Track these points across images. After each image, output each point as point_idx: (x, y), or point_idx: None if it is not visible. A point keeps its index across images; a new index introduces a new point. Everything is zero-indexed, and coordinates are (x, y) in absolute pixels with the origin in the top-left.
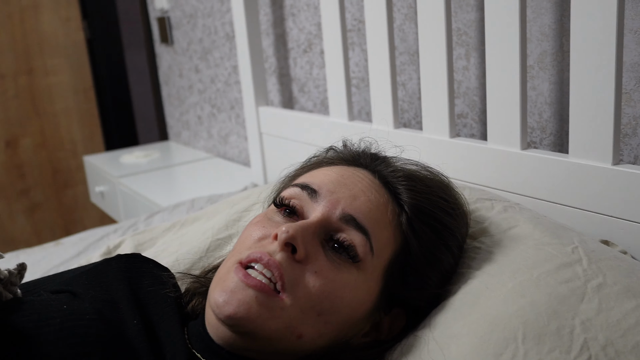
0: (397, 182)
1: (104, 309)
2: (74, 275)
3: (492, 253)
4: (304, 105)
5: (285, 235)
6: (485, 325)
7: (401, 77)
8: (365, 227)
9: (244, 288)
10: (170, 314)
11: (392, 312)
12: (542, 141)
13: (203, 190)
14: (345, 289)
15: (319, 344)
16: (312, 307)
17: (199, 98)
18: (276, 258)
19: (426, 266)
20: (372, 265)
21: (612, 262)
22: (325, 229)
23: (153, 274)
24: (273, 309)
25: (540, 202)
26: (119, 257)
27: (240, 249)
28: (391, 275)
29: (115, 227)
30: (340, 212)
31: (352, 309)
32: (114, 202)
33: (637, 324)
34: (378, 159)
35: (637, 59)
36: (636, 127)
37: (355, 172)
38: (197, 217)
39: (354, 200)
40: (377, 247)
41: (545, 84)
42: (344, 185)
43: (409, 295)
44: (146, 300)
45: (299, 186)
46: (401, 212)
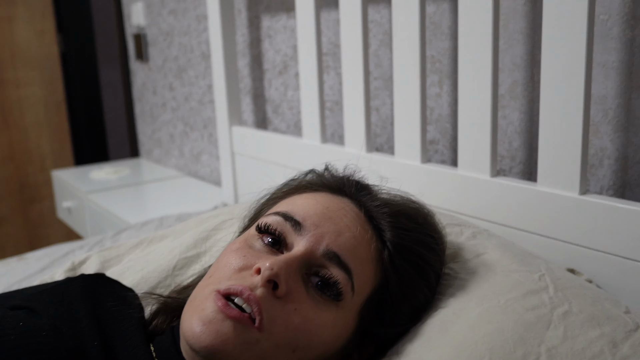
0: (381, 218)
1: (63, 327)
2: (35, 292)
3: (460, 279)
4: (277, 126)
5: (269, 272)
6: (452, 351)
7: (375, 101)
8: (348, 265)
9: (222, 319)
10: (133, 333)
11: (366, 345)
12: (512, 169)
13: (172, 208)
14: (323, 327)
15: None
16: (287, 344)
17: (172, 116)
18: (257, 293)
19: (402, 303)
20: (351, 304)
21: (578, 291)
22: (308, 263)
23: (117, 295)
24: (249, 341)
25: (509, 229)
26: (83, 276)
27: (219, 277)
28: (367, 312)
29: (81, 243)
30: (324, 249)
31: (328, 346)
32: (81, 218)
33: (602, 353)
34: (363, 190)
35: (604, 92)
36: (603, 159)
37: (340, 203)
38: (164, 235)
39: (339, 236)
40: (358, 286)
41: (515, 113)
42: (329, 219)
43: (381, 331)
44: (109, 320)
45: (282, 215)
46: (384, 249)
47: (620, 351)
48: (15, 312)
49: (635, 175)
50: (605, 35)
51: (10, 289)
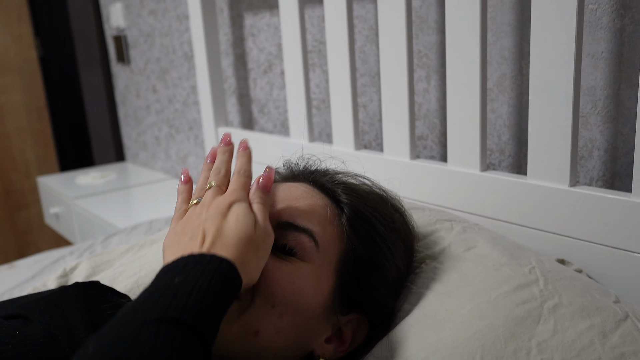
0: (334, 187)
1: (59, 335)
2: (29, 300)
3: (451, 274)
4: (264, 126)
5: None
6: (443, 349)
7: (362, 98)
8: (304, 226)
9: None
10: None
11: (352, 317)
12: (501, 163)
13: (161, 211)
14: (294, 275)
15: (277, 342)
16: (265, 300)
17: (157, 118)
18: None
19: (371, 268)
20: (320, 259)
21: (568, 282)
22: None
23: (112, 302)
24: (228, 314)
25: (499, 222)
26: (77, 284)
27: None
28: (343, 273)
29: (72, 249)
30: (275, 223)
31: (305, 299)
32: (70, 223)
33: (592, 344)
34: (315, 172)
35: (593, 83)
36: (592, 150)
37: (292, 185)
38: (155, 239)
39: (288, 207)
40: (322, 242)
41: (504, 106)
42: (279, 200)
43: (361, 298)
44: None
45: None
46: (342, 214)
47: (610, 341)
48: (10, 321)
49: (625, 166)
50: (595, 25)
51: (2, 297)
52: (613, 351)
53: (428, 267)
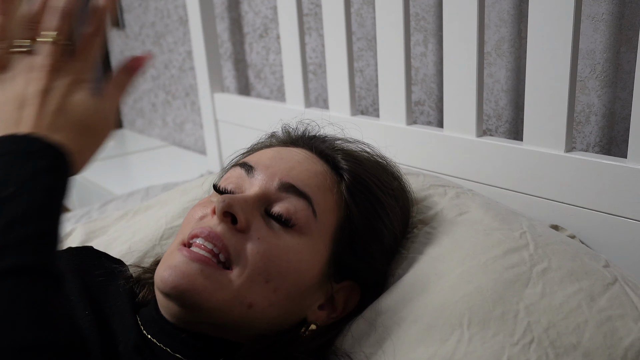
0: (334, 153)
1: None
2: None
3: (442, 239)
4: (260, 91)
5: (222, 204)
6: (432, 311)
7: (359, 63)
8: (304, 192)
9: (188, 262)
10: (122, 306)
11: (345, 284)
12: (498, 129)
13: (158, 178)
14: (289, 252)
15: (271, 313)
16: (259, 274)
17: (153, 85)
18: (217, 230)
19: (368, 236)
20: (317, 229)
21: (558, 247)
22: (265, 201)
23: (105, 267)
24: (220, 281)
25: (495, 188)
26: (70, 249)
27: (183, 231)
28: (339, 242)
29: (69, 215)
30: (277, 183)
31: (300, 274)
32: None
33: (579, 307)
34: (315, 138)
35: (592, 46)
36: (590, 115)
37: (293, 149)
38: (150, 205)
39: (291, 170)
40: (320, 211)
41: (502, 71)
42: (280, 159)
43: (356, 266)
44: (98, 292)
45: (237, 165)
46: (341, 181)
47: (597, 304)
48: None
49: (622, 132)
50: None
51: None
52: (600, 314)
53: (420, 232)
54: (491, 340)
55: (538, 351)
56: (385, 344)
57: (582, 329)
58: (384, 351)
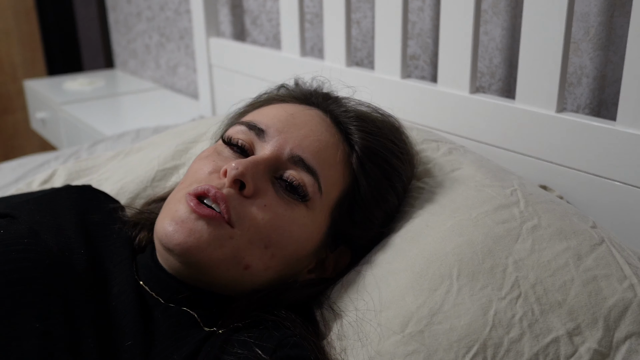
0: (348, 122)
1: (48, 234)
2: (20, 200)
3: (434, 193)
4: (256, 38)
5: (234, 172)
6: (422, 261)
7: (356, 14)
8: (313, 167)
9: (195, 218)
10: (119, 248)
11: (337, 249)
12: (491, 86)
13: (149, 121)
14: (293, 224)
15: (265, 276)
16: (260, 239)
17: (147, 26)
18: (223, 192)
19: (373, 205)
20: (320, 204)
21: (548, 206)
22: (275, 167)
23: (103, 208)
24: (222, 238)
25: (485, 145)
26: (69, 187)
27: (189, 181)
28: (339, 213)
29: (57, 154)
30: (288, 153)
31: (300, 245)
32: (56, 129)
33: (566, 265)
34: (330, 99)
35: (587, 9)
36: (581, 77)
37: (306, 110)
38: (142, 147)
39: (303, 140)
40: (326, 187)
41: (497, 29)
42: (293, 125)
43: (355, 234)
44: (95, 232)
45: (246, 125)
46: (352, 152)
47: (584, 263)
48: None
49: (612, 94)
50: None
51: None
52: (586, 273)
53: (412, 187)
54: (479, 292)
55: (524, 307)
56: (372, 291)
57: (568, 287)
58: (371, 298)
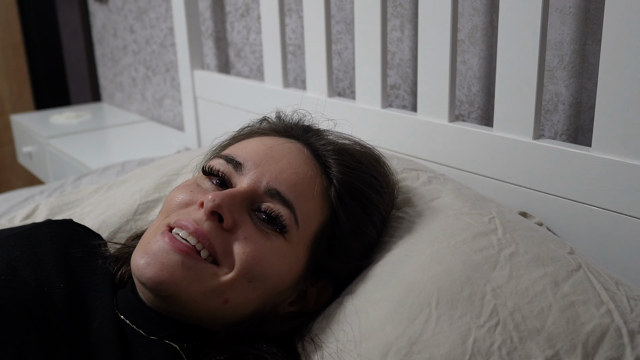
0: (327, 156)
1: (26, 270)
2: (0, 237)
3: (414, 223)
4: (240, 70)
5: (211, 204)
6: (401, 290)
7: (337, 46)
8: (289, 200)
9: (169, 252)
10: (99, 283)
11: (319, 283)
12: (470, 114)
13: (135, 153)
14: (274, 255)
15: (245, 310)
16: (244, 274)
17: (134, 59)
18: (204, 227)
19: (352, 239)
20: (298, 236)
21: (526, 232)
22: (251, 200)
23: (84, 242)
24: (199, 273)
25: (465, 173)
26: (49, 222)
27: (166, 212)
28: (318, 246)
29: (42, 188)
30: (265, 186)
31: (280, 277)
32: (43, 163)
33: (544, 291)
34: (310, 132)
35: (560, 37)
36: (558, 104)
37: (285, 143)
38: (125, 180)
39: (280, 173)
40: (302, 219)
41: (475, 58)
42: (270, 158)
43: (334, 266)
44: (76, 267)
45: (224, 158)
46: (330, 186)
47: (561, 290)
48: None
49: (588, 121)
50: None
51: None
52: (564, 299)
53: (392, 217)
54: (458, 321)
55: (503, 334)
56: (352, 322)
57: (546, 314)
58: (351, 328)
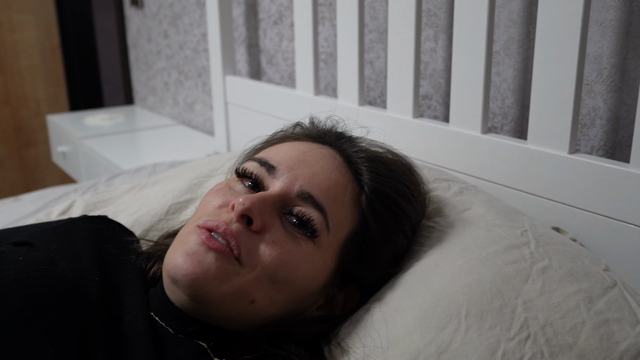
0: (359, 163)
1: (64, 262)
2: (39, 229)
3: (444, 233)
4: (271, 77)
5: (241, 207)
6: (430, 299)
7: (369, 54)
8: (321, 204)
9: (205, 251)
10: (132, 279)
11: (347, 289)
12: (503, 127)
13: (166, 156)
14: (301, 260)
15: (271, 311)
16: (267, 275)
17: (167, 64)
18: (232, 228)
19: (381, 246)
20: (328, 242)
21: (559, 247)
22: (283, 203)
23: (118, 239)
24: (228, 273)
25: (497, 186)
26: (86, 217)
27: (199, 214)
28: (347, 252)
29: (76, 186)
30: (297, 189)
31: (307, 281)
32: (76, 163)
33: (577, 307)
34: (343, 138)
35: (600, 51)
36: (595, 118)
37: (318, 148)
38: (157, 180)
39: (313, 177)
40: (333, 225)
41: (509, 70)
42: (304, 162)
43: (362, 273)
44: (110, 262)
45: (258, 161)
46: (361, 193)
47: (595, 306)
48: (18, 247)
49: (627, 136)
50: None
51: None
52: (598, 316)
53: (422, 226)
54: (488, 332)
55: (533, 348)
56: (380, 328)
57: (579, 330)
58: (379, 335)
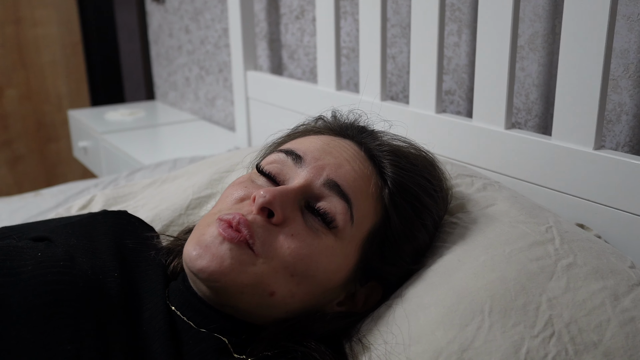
0: (382, 156)
1: (83, 257)
2: (58, 224)
3: (467, 229)
4: (292, 72)
5: (262, 199)
6: (453, 296)
7: (392, 49)
8: (347, 194)
9: (220, 242)
10: (152, 274)
11: (368, 284)
12: (527, 122)
13: (186, 151)
14: (321, 254)
15: (292, 304)
16: (285, 268)
17: (188, 59)
18: (248, 218)
19: (403, 241)
20: (351, 235)
21: (584, 244)
22: (306, 195)
23: (138, 234)
24: (244, 264)
25: (520, 182)
26: (105, 212)
27: (220, 207)
28: (369, 247)
29: (96, 181)
30: (324, 178)
31: (327, 275)
32: (97, 157)
33: (602, 305)
34: (365, 132)
35: (627, 45)
36: (621, 114)
37: (341, 141)
38: (178, 175)
39: (339, 168)
40: (358, 217)
41: (534, 65)
42: (329, 153)
43: (384, 269)
44: (129, 257)
45: (284, 152)
46: (384, 187)
47: (621, 304)
48: (37, 243)
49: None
50: None
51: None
52: (623, 314)
53: (445, 222)
54: (511, 330)
55: (558, 346)
56: (402, 325)
57: (604, 328)
58: (401, 331)
